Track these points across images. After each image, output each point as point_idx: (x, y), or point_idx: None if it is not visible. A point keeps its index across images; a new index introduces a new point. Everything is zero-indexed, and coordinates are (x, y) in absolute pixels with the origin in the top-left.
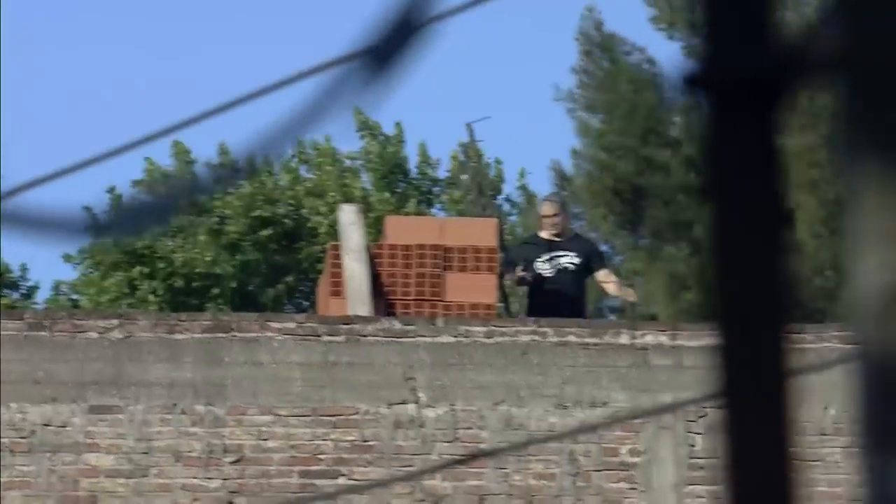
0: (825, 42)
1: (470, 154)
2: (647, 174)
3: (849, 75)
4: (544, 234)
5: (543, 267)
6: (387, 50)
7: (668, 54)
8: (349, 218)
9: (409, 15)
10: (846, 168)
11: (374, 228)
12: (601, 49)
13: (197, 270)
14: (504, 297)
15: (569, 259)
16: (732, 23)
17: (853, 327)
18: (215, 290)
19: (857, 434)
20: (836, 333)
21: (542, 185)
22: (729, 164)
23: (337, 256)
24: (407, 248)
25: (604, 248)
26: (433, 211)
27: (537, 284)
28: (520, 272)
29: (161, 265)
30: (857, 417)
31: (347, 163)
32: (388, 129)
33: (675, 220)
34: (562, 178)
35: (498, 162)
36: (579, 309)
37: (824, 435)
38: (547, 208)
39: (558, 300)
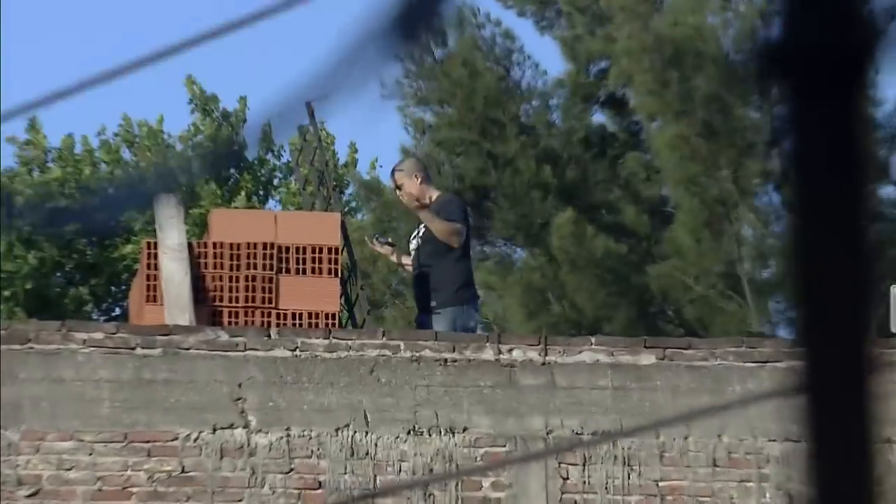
0: None
1: (309, 139)
2: (491, 172)
3: None
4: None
5: (413, 250)
6: (412, 18)
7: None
8: (167, 211)
9: None
10: None
11: (202, 224)
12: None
13: None
14: (349, 304)
15: (419, 233)
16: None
17: None
18: (6, 293)
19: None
20: (731, 349)
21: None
22: (810, 143)
23: (153, 256)
24: (235, 246)
25: None
26: (270, 205)
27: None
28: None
29: None
30: None
31: (181, 147)
32: (230, 104)
33: (527, 224)
34: (369, 189)
35: (353, 149)
36: (428, 289)
37: (717, 466)
38: (391, 182)
39: (414, 285)
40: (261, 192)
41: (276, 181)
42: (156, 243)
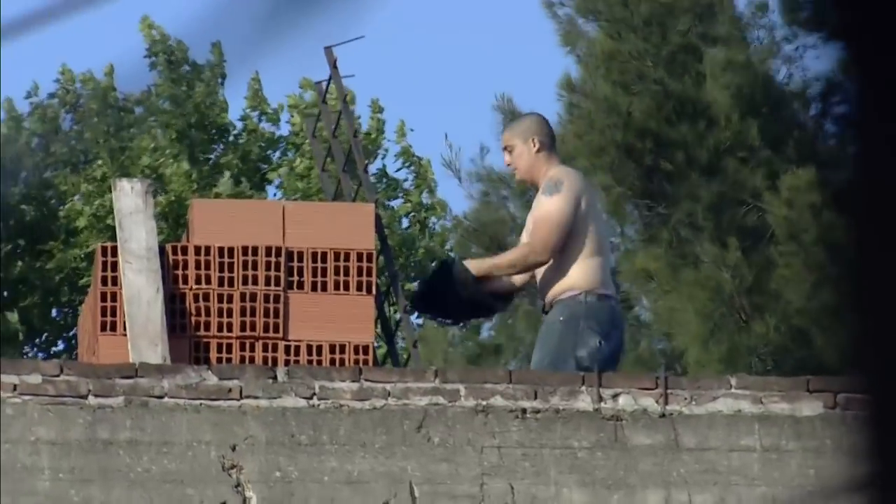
0: None
1: (329, 99)
2: (674, 121)
3: None
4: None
5: None
6: None
7: None
8: (131, 202)
9: None
10: None
11: (174, 219)
12: None
13: None
14: (387, 332)
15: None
16: None
17: None
18: None
19: None
20: None
21: (436, 149)
22: None
23: (111, 266)
24: (227, 251)
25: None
26: (267, 191)
27: None
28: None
29: None
30: None
31: (136, 111)
32: (200, 56)
33: (718, 199)
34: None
35: (376, 110)
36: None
37: None
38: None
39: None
40: (261, 176)
41: (275, 158)
42: (114, 248)
